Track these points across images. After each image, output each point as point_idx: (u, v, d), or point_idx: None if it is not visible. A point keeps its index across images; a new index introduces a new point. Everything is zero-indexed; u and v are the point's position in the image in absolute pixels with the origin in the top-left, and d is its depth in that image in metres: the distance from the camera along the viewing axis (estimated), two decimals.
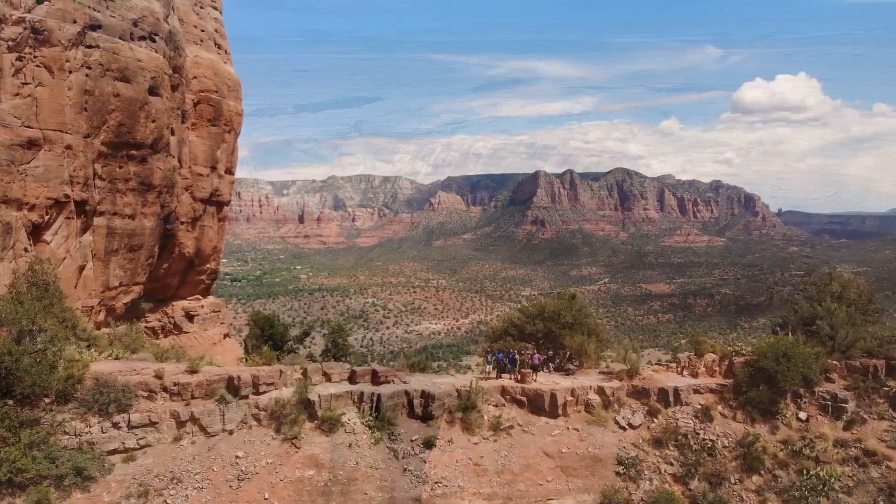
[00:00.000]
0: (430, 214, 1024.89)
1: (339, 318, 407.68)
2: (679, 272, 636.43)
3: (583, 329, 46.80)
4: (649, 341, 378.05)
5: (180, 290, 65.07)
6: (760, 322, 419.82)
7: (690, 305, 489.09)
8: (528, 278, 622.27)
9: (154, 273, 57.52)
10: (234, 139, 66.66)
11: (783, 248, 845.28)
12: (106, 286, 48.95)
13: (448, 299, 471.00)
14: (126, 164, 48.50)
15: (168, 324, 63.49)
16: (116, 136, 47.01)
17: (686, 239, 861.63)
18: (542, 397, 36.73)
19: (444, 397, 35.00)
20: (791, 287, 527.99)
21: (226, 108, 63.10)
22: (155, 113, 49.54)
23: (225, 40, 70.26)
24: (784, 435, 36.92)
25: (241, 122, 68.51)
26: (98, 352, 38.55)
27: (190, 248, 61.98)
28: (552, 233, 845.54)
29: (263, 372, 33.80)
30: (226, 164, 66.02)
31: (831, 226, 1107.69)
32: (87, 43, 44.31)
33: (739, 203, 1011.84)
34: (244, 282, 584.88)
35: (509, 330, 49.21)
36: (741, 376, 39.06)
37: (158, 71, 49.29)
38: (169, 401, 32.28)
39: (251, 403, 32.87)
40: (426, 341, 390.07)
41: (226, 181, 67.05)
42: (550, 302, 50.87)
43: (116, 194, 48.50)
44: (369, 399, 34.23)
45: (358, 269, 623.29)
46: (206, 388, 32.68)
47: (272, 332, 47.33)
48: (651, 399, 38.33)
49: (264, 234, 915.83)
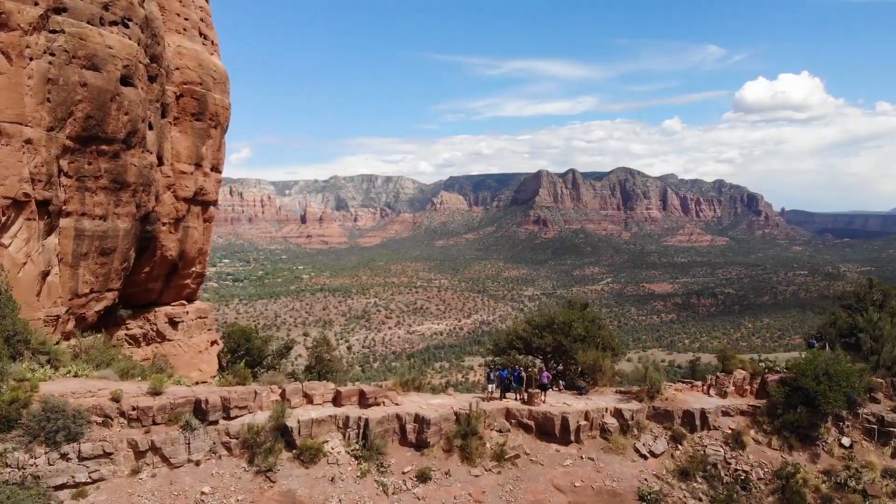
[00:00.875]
0: (432, 214, 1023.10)
1: (341, 319, 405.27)
2: (682, 272, 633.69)
3: (596, 342, 42.72)
4: (652, 342, 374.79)
5: (163, 295, 60.96)
6: (765, 322, 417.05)
7: (694, 305, 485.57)
8: (531, 278, 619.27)
9: (134, 278, 53.69)
10: (221, 135, 62.65)
11: (786, 247, 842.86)
12: (74, 293, 44.95)
13: (450, 299, 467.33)
14: (96, 160, 44.42)
15: (150, 331, 59.32)
16: (84, 129, 42.91)
17: (689, 238, 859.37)
18: (552, 421, 32.58)
19: (440, 422, 30.90)
20: (795, 286, 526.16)
21: (211, 102, 58.99)
22: (128, 105, 45.44)
23: (212, 30, 66.31)
24: (826, 464, 32.81)
25: (228, 117, 64.26)
26: (56, 368, 34.62)
27: (173, 250, 57.88)
28: (555, 232, 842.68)
29: (235, 393, 29.71)
30: (212, 162, 61.83)
31: (834, 225, 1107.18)
32: (51, 27, 40.43)
33: (742, 202, 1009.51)
34: (246, 282, 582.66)
35: (514, 343, 44.91)
36: (776, 396, 34.92)
37: (132, 59, 45.26)
38: (126, 427, 28.28)
39: (221, 430, 28.82)
40: (428, 342, 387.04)
41: (212, 179, 62.71)
42: (560, 312, 46.69)
43: (85, 193, 44.44)
44: (356, 424, 30.15)
45: (360, 270, 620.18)
46: (170, 413, 28.67)
47: (249, 346, 43.19)
48: (675, 423, 34.17)
49: (266, 234, 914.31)
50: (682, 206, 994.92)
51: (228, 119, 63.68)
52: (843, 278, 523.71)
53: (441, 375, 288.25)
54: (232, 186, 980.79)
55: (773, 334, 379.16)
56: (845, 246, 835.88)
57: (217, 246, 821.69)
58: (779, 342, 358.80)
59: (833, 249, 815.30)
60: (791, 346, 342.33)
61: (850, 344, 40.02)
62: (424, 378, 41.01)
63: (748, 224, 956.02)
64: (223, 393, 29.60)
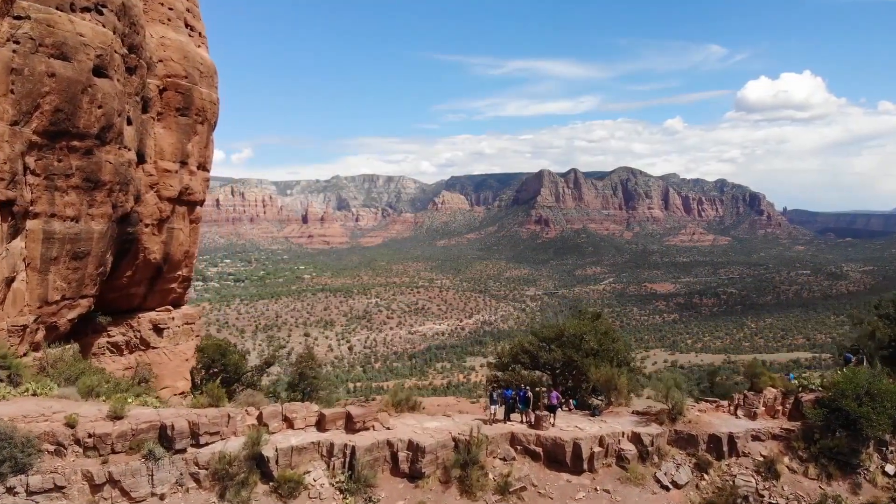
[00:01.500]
0: (433, 214, 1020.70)
1: (343, 319, 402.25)
2: (684, 271, 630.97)
3: (610, 356, 39.22)
4: (655, 342, 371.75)
5: (148, 300, 57.61)
6: (767, 322, 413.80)
7: (696, 305, 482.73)
8: (533, 278, 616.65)
9: (115, 282, 50.62)
10: (209, 131, 59.22)
11: (789, 246, 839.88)
12: (44, 301, 41.63)
13: (452, 299, 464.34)
14: (66, 156, 41.10)
15: (134, 339, 56.05)
16: (53, 123, 39.59)
17: (691, 238, 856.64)
18: (563, 448, 29.05)
19: (437, 449, 27.46)
20: (798, 286, 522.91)
21: (197, 97, 55.72)
22: (102, 97, 42.07)
23: (199, 22, 62.99)
24: (869, 495, 29.23)
25: (216, 113, 60.80)
26: (16, 385, 31.42)
27: (157, 253, 54.47)
28: (556, 232, 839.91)
29: (206, 418, 26.34)
30: (198, 159, 58.32)
31: (836, 224, 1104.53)
32: (15, 13, 37.20)
33: (744, 202, 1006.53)
34: (247, 282, 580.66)
35: (519, 357, 41.41)
36: (812, 419, 31.35)
37: (106, 48, 41.91)
38: (82, 457, 25.06)
39: (189, 459, 25.51)
40: (430, 342, 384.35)
41: (198, 178, 59.32)
42: (570, 323, 42.67)
43: (55, 193, 41.09)
44: (341, 452, 26.73)
45: (361, 269, 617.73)
46: (131, 440, 25.39)
47: (224, 362, 39.54)
48: (700, 448, 30.51)
49: (268, 234, 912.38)
50: (685, 205, 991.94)
51: (216, 115, 60.63)
52: (845, 278, 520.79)
53: (442, 376, 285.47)
54: (233, 186, 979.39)
55: (776, 334, 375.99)
56: (848, 245, 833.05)
57: (218, 246, 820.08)
58: (782, 342, 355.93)
59: (835, 249, 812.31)
60: (794, 347, 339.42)
61: (888, 357, 36.54)
62: (419, 396, 37.17)
63: (750, 224, 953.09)
64: (192, 417, 26.23)
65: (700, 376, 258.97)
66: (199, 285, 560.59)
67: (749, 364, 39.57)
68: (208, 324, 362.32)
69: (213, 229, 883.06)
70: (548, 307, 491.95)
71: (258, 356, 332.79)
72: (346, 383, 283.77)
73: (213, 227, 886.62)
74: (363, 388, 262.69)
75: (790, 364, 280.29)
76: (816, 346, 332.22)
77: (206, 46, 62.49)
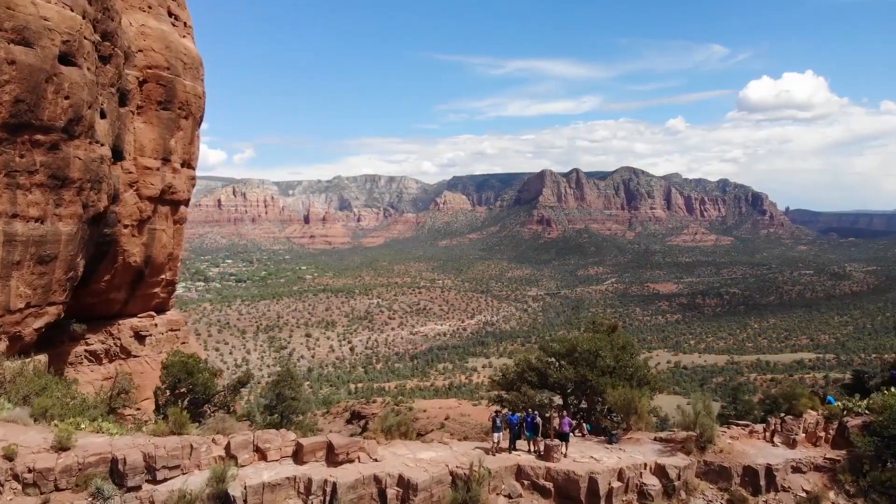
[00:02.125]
0: (435, 214, 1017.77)
1: (344, 320, 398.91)
2: (687, 271, 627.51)
3: (628, 374, 35.36)
4: (658, 342, 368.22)
5: (129, 305, 54.07)
6: (771, 322, 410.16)
7: (699, 305, 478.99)
8: (535, 278, 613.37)
9: (93, 287, 47.67)
10: (194, 126, 55.87)
11: (791, 246, 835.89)
12: (6, 309, 38.18)
13: (454, 300, 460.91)
14: (30, 151, 37.68)
15: (113, 347, 52.39)
16: (13, 115, 36.18)
17: (693, 238, 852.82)
18: (577, 483, 25.35)
19: (431, 486, 23.80)
20: (801, 286, 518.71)
21: (180, 89, 52.27)
22: (69, 87, 38.68)
23: (184, 10, 59.75)
24: None
25: (201, 107, 56.79)
26: None
27: (137, 256, 51.08)
28: (558, 232, 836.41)
29: (164, 449, 22.79)
30: (182, 156, 54.92)
31: (839, 224, 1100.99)
32: None
33: (747, 202, 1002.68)
34: (249, 282, 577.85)
35: (526, 375, 37.03)
36: (861, 447, 27.72)
37: (74, 34, 38.54)
38: (21, 494, 21.71)
39: (144, 498, 22.00)
40: (431, 342, 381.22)
41: (182, 176, 55.67)
42: (584, 338, 37.78)
43: (17, 191, 37.60)
44: (321, 489, 23.13)
45: (363, 270, 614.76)
46: (78, 475, 21.97)
47: (192, 381, 35.64)
48: (733, 482, 26.77)
49: (269, 235, 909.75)
50: (687, 205, 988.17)
51: (202, 109, 57.40)
52: (849, 278, 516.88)
53: (444, 377, 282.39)
54: (235, 187, 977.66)
55: (779, 335, 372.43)
56: (850, 245, 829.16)
57: (220, 246, 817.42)
58: (785, 343, 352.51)
59: (838, 249, 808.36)
60: (798, 347, 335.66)
61: None
62: (412, 423, 33.29)
63: (753, 223, 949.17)
64: (148, 448, 22.69)
65: (703, 377, 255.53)
66: (200, 285, 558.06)
67: (788, 387, 35.48)
68: (209, 324, 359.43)
69: (214, 230, 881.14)
70: (550, 308, 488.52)
71: (259, 357, 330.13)
72: (348, 384, 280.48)
73: (214, 228, 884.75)
74: (364, 388, 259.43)
75: (794, 365, 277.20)
76: (820, 347, 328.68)
77: (191, 37, 59.28)
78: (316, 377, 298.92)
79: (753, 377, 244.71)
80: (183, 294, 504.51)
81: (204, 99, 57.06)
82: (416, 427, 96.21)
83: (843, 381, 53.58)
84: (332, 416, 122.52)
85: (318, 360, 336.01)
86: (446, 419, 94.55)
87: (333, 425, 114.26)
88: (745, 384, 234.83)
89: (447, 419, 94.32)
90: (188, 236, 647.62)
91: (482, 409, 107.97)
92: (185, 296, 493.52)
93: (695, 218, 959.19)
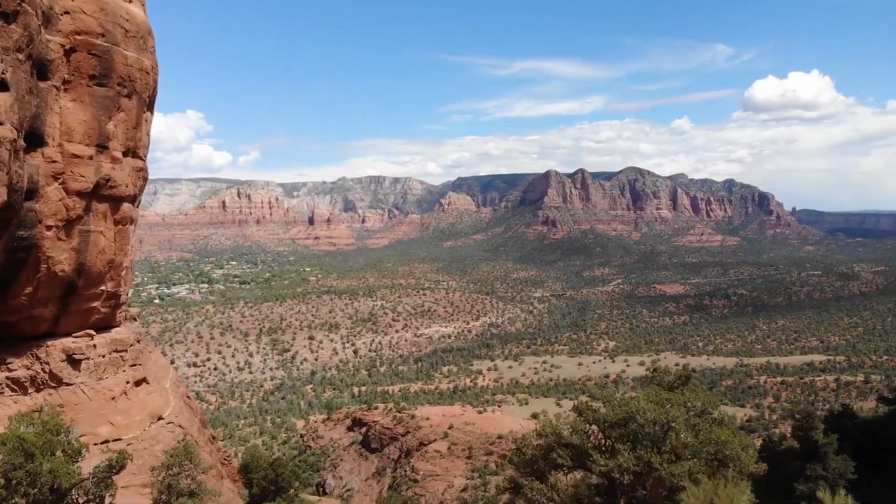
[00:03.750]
0: (440, 215, 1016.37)
1: (348, 322, 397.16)
2: (693, 272, 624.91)
3: (711, 452, 24.49)
4: (665, 344, 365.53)
5: (61, 323, 45.12)
6: (780, 323, 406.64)
7: (706, 306, 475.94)
8: (540, 279, 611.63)
9: (12, 302, 40.19)
10: (140, 107, 45.79)
11: (798, 247, 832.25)
12: None
13: (458, 301, 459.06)
14: None
15: (41, 373, 43.09)
16: None
17: (699, 238, 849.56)
18: None
19: None
20: (809, 287, 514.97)
21: (120, 61, 42.61)
22: None
23: None
24: None
25: (150, 84, 46.88)
26: None
27: (65, 264, 42.30)
28: (564, 233, 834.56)
29: None
30: (124, 143, 44.83)
31: (846, 224, 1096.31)
32: None
33: (753, 202, 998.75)
34: (252, 284, 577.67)
35: (555, 454, 25.68)
36: None
37: None
38: None
39: None
40: (436, 345, 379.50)
41: (126, 167, 45.33)
42: (646, 402, 25.78)
43: None
44: None
45: (367, 271, 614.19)
46: None
47: (33, 468, 23.91)
48: None
49: (274, 236, 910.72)
50: (693, 205, 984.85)
51: (151, 86, 47.39)
52: (857, 278, 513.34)
53: (449, 380, 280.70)
54: (240, 188, 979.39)
55: (788, 336, 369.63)
56: (858, 245, 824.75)
57: (225, 248, 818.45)
58: (795, 344, 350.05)
59: (846, 249, 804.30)
60: (808, 349, 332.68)
61: None
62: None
63: (759, 224, 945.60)
64: None
65: (713, 380, 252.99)
66: (204, 287, 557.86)
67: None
68: (211, 327, 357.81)
69: (219, 231, 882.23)
70: (556, 309, 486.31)
71: (261, 360, 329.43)
72: (351, 388, 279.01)
73: (219, 230, 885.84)
74: (368, 392, 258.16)
75: (804, 367, 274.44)
76: (830, 349, 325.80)
77: (139, 1, 48.19)
78: (319, 380, 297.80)
79: (764, 380, 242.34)
80: (187, 296, 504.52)
81: (153, 74, 47.77)
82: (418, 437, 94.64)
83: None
84: (333, 423, 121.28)
85: (321, 362, 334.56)
86: (450, 428, 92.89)
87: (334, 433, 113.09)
88: (756, 387, 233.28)
89: (451, 428, 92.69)
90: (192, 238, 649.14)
91: (487, 416, 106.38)
92: (189, 298, 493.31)
93: (701, 218, 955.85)
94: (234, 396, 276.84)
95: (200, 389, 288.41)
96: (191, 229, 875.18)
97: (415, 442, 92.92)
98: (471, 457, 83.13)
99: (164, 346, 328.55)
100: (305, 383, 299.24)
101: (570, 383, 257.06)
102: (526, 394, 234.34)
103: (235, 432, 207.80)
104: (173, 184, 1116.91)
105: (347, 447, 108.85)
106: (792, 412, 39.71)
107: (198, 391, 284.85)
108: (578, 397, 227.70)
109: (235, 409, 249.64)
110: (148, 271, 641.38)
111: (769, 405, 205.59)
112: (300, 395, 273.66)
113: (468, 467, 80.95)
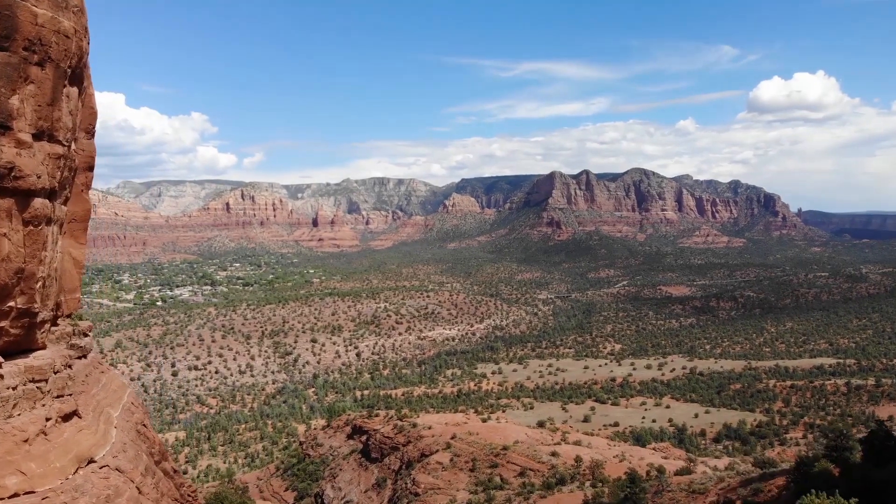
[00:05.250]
0: (444, 217, 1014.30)
1: (351, 324, 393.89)
2: (699, 274, 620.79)
3: None
4: (672, 347, 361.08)
5: None
6: (788, 325, 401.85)
7: (713, 308, 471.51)
8: (545, 281, 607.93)
9: None
10: (58, 79, 33.68)
11: (805, 248, 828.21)
12: None
13: (462, 303, 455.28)
14: None
15: None
16: None
17: (705, 240, 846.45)
18: None
19: None
20: (817, 289, 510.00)
21: (27, 20, 29.69)
22: None
23: None
24: None
25: (71, 51, 30.19)
26: None
27: None
28: (568, 234, 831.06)
29: None
30: (36, 122, 31.67)
31: (852, 225, 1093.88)
32: None
33: (759, 203, 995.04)
34: (256, 286, 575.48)
35: None
36: None
37: None
38: None
39: None
40: (440, 348, 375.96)
41: (38, 153, 32.80)
42: None
43: None
44: None
45: (371, 273, 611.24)
46: None
47: None
48: None
49: (278, 238, 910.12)
50: (698, 207, 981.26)
51: (74, 54, 31.09)
52: (865, 280, 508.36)
53: (453, 384, 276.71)
54: (244, 190, 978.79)
55: (797, 339, 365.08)
56: (865, 246, 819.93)
57: (228, 250, 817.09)
58: (804, 347, 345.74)
59: (852, 250, 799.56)
60: (817, 352, 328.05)
61: None
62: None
63: (765, 225, 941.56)
64: None
65: (721, 384, 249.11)
66: (207, 290, 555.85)
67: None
68: (213, 330, 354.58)
69: (223, 233, 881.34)
70: (560, 311, 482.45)
71: (263, 363, 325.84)
72: (354, 391, 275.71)
73: (223, 232, 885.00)
74: (371, 396, 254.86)
75: (814, 370, 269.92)
76: (840, 352, 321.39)
77: None
78: (321, 384, 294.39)
79: (773, 383, 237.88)
80: (189, 298, 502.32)
81: (77, 40, 34.07)
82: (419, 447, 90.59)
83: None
84: (333, 431, 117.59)
85: (323, 366, 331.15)
86: (452, 438, 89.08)
87: (334, 440, 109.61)
88: (765, 391, 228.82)
89: (453, 438, 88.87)
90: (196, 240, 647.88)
91: (492, 425, 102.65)
92: (192, 300, 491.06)
93: (706, 219, 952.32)
94: (236, 400, 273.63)
95: (201, 393, 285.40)
96: (195, 231, 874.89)
97: (416, 452, 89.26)
98: (474, 469, 79.57)
99: (165, 349, 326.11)
100: (307, 387, 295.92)
101: (576, 387, 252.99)
102: (531, 398, 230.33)
103: (236, 437, 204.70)
104: (178, 186, 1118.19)
105: (347, 456, 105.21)
106: (824, 431, 36.49)
107: (199, 395, 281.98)
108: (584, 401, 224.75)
109: (236, 412, 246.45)
110: (151, 273, 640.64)
111: (779, 409, 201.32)
112: (302, 399, 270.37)
113: (471, 480, 77.39)
